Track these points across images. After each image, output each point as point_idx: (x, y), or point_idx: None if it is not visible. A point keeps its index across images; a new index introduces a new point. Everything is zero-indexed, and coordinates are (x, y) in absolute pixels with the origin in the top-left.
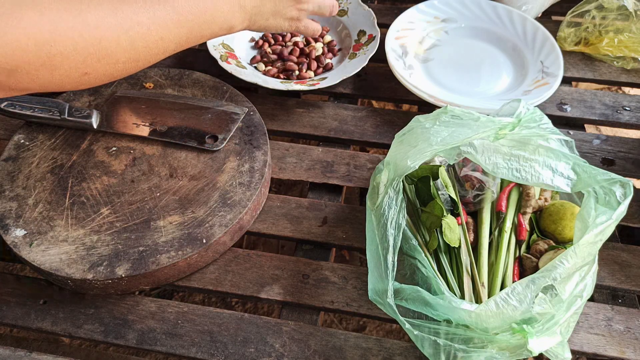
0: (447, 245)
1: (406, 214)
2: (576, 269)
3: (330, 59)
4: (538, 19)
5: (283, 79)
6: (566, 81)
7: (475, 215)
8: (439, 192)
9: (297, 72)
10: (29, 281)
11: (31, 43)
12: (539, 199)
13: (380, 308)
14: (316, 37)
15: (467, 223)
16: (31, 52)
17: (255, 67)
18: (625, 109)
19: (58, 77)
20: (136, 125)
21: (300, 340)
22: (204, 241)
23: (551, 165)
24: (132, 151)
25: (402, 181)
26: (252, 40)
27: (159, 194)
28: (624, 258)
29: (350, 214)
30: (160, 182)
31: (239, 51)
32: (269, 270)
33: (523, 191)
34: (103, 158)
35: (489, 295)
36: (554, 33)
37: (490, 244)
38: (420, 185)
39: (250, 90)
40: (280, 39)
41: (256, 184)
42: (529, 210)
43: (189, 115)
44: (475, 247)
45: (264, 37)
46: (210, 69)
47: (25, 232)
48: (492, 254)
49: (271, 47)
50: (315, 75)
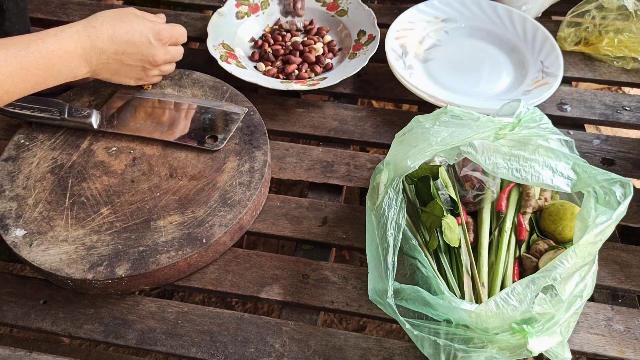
0: (447, 245)
1: (406, 214)
2: (576, 269)
3: (331, 59)
4: (538, 19)
5: (283, 79)
6: (566, 81)
7: (475, 215)
8: (439, 192)
9: (296, 72)
10: (29, 281)
11: None
12: (539, 199)
13: (380, 308)
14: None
15: (467, 223)
16: None
17: (255, 67)
18: (625, 109)
19: None
20: (136, 125)
21: (300, 340)
22: (204, 241)
23: (551, 165)
24: (132, 151)
25: (402, 181)
26: (252, 40)
27: (159, 194)
28: (624, 258)
29: (350, 214)
30: (160, 182)
31: (239, 51)
32: (269, 270)
33: (523, 191)
34: (103, 158)
35: (489, 295)
36: (554, 33)
37: (490, 244)
38: (420, 185)
39: (250, 90)
40: (280, 39)
41: (256, 184)
42: (529, 210)
43: (189, 115)
44: (475, 247)
45: (264, 37)
46: (210, 69)
47: (25, 232)
48: (492, 254)
49: (271, 47)
50: (315, 75)
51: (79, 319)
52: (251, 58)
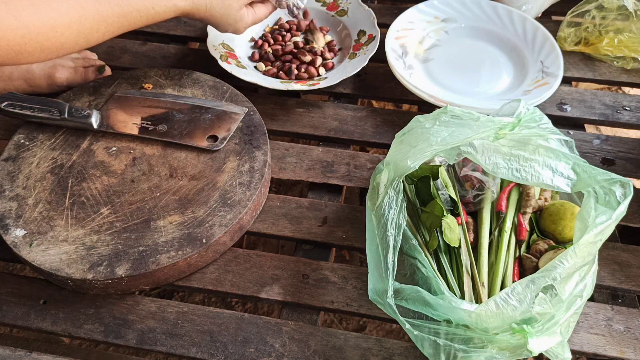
0: (447, 245)
1: (406, 214)
2: (576, 269)
3: (332, 58)
4: (538, 19)
5: (283, 79)
6: (566, 81)
7: (475, 215)
8: (439, 192)
9: (296, 71)
10: (29, 281)
11: (3, 44)
12: (539, 199)
13: (380, 308)
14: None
15: (467, 223)
16: (2, 49)
17: (255, 67)
18: (625, 109)
19: (22, 62)
20: (136, 125)
21: (300, 340)
22: (204, 241)
23: (551, 165)
24: (132, 151)
25: (402, 181)
26: (252, 40)
27: (159, 194)
28: (624, 258)
29: (350, 214)
30: (160, 182)
31: (239, 51)
32: (269, 270)
33: (523, 191)
34: (103, 158)
35: (489, 295)
36: (554, 33)
37: (490, 244)
38: (420, 185)
39: (250, 90)
40: (280, 38)
41: (256, 184)
42: (529, 210)
43: (188, 115)
44: (475, 247)
45: (264, 37)
46: (210, 69)
47: (25, 232)
48: (492, 254)
49: (271, 47)
50: (316, 75)
51: (79, 319)
52: (251, 58)
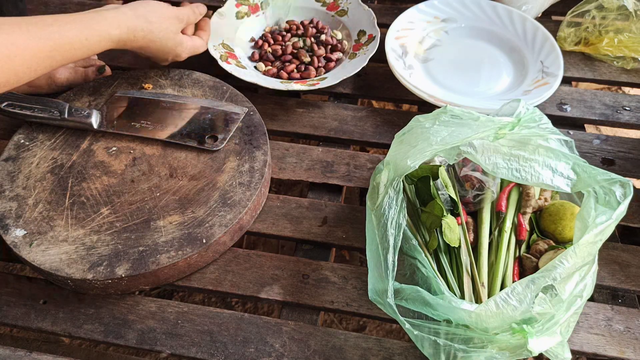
0: (447, 245)
1: (406, 214)
2: (576, 269)
3: (337, 58)
4: (538, 19)
5: (283, 79)
6: (566, 81)
7: (475, 215)
8: (439, 192)
9: (296, 71)
10: (29, 281)
11: None
12: (539, 199)
13: (380, 308)
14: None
15: (467, 223)
16: None
17: (255, 67)
18: (625, 109)
19: None
20: (136, 125)
21: (300, 340)
22: (204, 241)
23: (551, 165)
24: (132, 151)
25: (402, 181)
26: (252, 40)
27: (159, 194)
28: (624, 258)
29: (350, 214)
30: (160, 182)
31: (239, 51)
32: (269, 270)
33: (523, 191)
34: (103, 158)
35: (489, 295)
36: (554, 33)
37: (490, 244)
38: (420, 185)
39: (250, 90)
40: (280, 38)
41: (256, 184)
42: (529, 210)
43: (189, 115)
44: (475, 247)
45: (264, 37)
46: (210, 69)
47: (25, 232)
48: (492, 254)
49: (271, 47)
50: (316, 75)
51: (79, 319)
52: (251, 58)
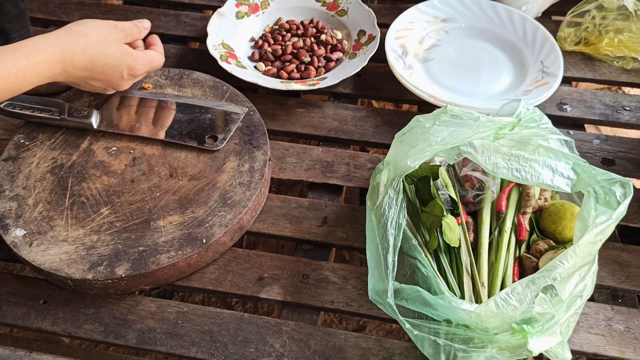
0: (447, 245)
1: (406, 214)
2: (576, 269)
3: (337, 58)
4: (538, 19)
5: (283, 78)
6: (566, 81)
7: (475, 215)
8: (439, 192)
9: (295, 70)
10: (29, 281)
11: None
12: (539, 199)
13: (380, 308)
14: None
15: (467, 223)
16: None
17: (255, 67)
18: (625, 109)
19: None
20: (136, 125)
21: (300, 340)
22: (204, 241)
23: (551, 165)
24: (132, 151)
25: (402, 181)
26: (252, 40)
27: (159, 193)
28: (624, 258)
29: (350, 214)
30: (160, 182)
31: (239, 51)
32: (269, 270)
33: (523, 191)
34: (103, 158)
35: (489, 295)
36: (554, 33)
37: (490, 244)
38: (420, 185)
39: (250, 90)
40: (280, 38)
41: (256, 184)
42: (529, 210)
43: (188, 115)
44: (475, 247)
45: (264, 37)
46: (210, 69)
47: (25, 232)
48: (492, 254)
49: (271, 47)
50: (316, 75)
51: (79, 319)
52: (251, 58)
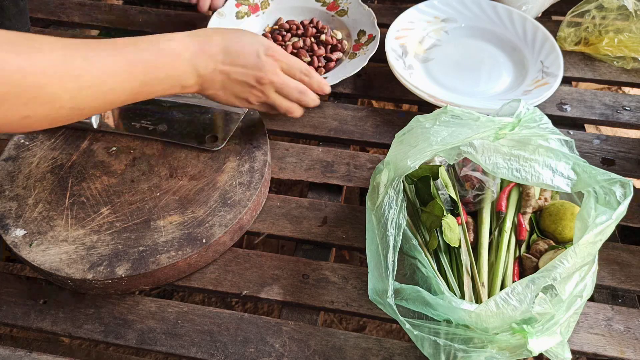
0: (447, 245)
1: (406, 214)
2: (576, 269)
3: (337, 58)
4: (538, 18)
5: None
6: (566, 81)
7: (475, 215)
8: (439, 192)
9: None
10: (29, 281)
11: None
12: (539, 199)
13: (380, 308)
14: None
15: (467, 223)
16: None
17: None
18: (625, 109)
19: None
20: (136, 125)
21: (300, 340)
22: (204, 241)
23: (551, 165)
24: (132, 151)
25: (402, 181)
26: None
27: (159, 193)
28: (624, 258)
29: (350, 214)
30: (160, 182)
31: None
32: (269, 270)
33: (523, 191)
34: (103, 158)
35: (489, 295)
36: (554, 33)
37: (490, 244)
38: (420, 185)
39: None
40: (280, 38)
41: (256, 184)
42: (529, 210)
43: (189, 115)
44: (475, 247)
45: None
46: None
47: (25, 232)
48: (492, 254)
49: None
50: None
51: (79, 319)
52: None
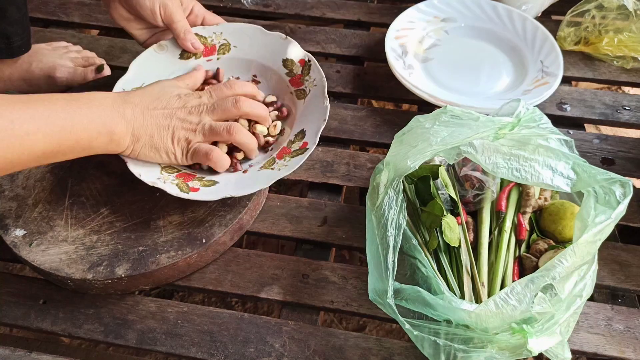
0: (447, 245)
1: (406, 214)
2: (575, 268)
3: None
4: (538, 18)
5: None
6: (566, 81)
7: (475, 214)
8: (439, 192)
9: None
10: (29, 281)
11: None
12: (539, 198)
13: (380, 308)
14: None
15: (467, 223)
16: None
17: None
18: (625, 109)
19: None
20: None
21: (300, 340)
22: (204, 241)
23: (551, 165)
24: None
25: (402, 181)
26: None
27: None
28: (623, 258)
29: (350, 213)
30: None
31: None
32: (269, 270)
33: (523, 191)
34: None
35: (489, 295)
36: (554, 33)
37: (490, 243)
38: (420, 185)
39: None
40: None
41: None
42: (529, 210)
43: None
44: (475, 246)
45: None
46: None
47: (25, 232)
48: (492, 254)
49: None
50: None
51: (79, 319)
52: None
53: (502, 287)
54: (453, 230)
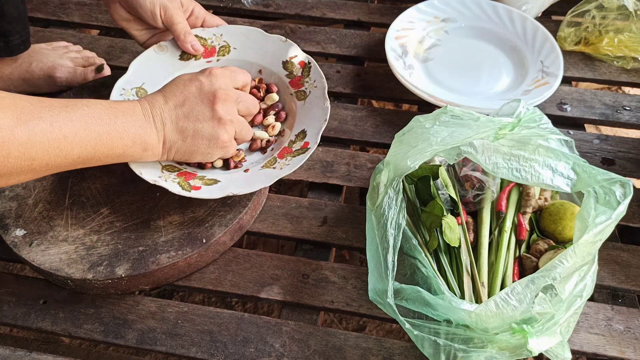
0: (447, 245)
1: (406, 214)
2: (576, 269)
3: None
4: (538, 18)
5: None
6: (566, 81)
7: (475, 215)
8: (439, 192)
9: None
10: (29, 281)
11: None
12: (539, 198)
13: (380, 308)
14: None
15: (467, 223)
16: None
17: None
18: (625, 109)
19: None
20: None
21: (300, 340)
22: (204, 241)
23: (551, 165)
24: None
25: (402, 181)
26: None
27: (158, 193)
28: (624, 258)
29: (350, 214)
30: None
31: None
32: (269, 270)
33: (523, 191)
34: None
35: (489, 295)
36: (554, 33)
37: (490, 243)
38: (420, 185)
39: None
40: None
41: None
42: (529, 210)
43: None
44: (475, 247)
45: None
46: None
47: (25, 231)
48: (492, 254)
49: None
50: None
51: (79, 319)
52: None
53: (502, 288)
54: (453, 230)
